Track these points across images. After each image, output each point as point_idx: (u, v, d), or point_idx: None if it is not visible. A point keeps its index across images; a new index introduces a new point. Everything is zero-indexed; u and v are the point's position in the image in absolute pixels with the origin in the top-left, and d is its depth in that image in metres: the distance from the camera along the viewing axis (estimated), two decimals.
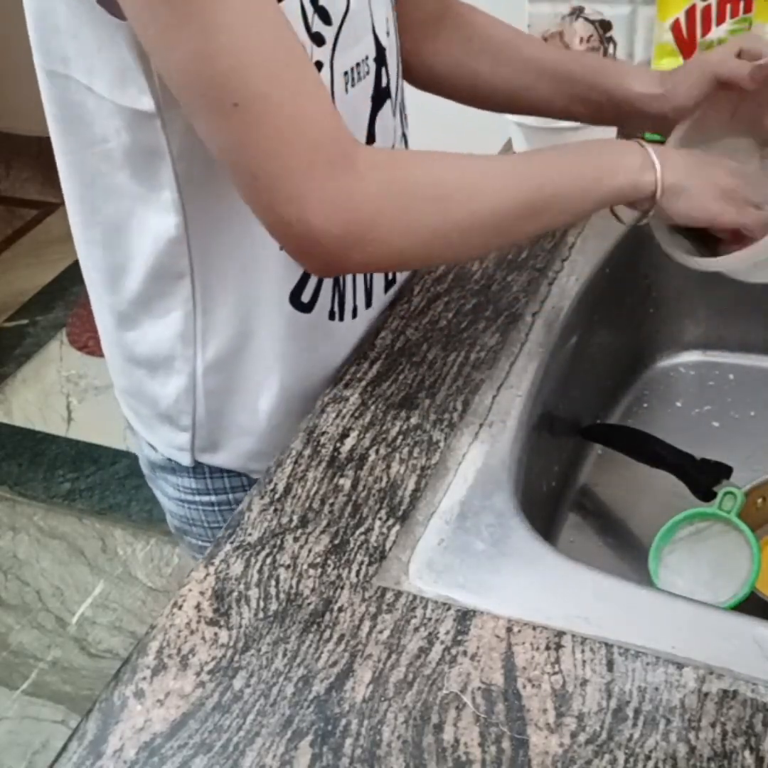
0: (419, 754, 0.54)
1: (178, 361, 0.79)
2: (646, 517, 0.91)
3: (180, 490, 0.88)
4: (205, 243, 0.73)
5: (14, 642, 1.85)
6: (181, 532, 0.94)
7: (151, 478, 0.93)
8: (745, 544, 0.76)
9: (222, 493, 0.87)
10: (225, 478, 0.86)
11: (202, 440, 0.83)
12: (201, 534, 0.91)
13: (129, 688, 0.59)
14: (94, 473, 2.16)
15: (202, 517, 0.89)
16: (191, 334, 0.77)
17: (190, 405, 0.81)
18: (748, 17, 1.05)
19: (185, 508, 0.89)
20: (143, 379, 0.82)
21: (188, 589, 0.65)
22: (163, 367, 0.80)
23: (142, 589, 1.91)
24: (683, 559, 0.79)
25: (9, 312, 2.74)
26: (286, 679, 0.58)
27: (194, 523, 0.90)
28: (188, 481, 0.87)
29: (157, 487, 0.93)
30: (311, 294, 0.78)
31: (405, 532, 0.67)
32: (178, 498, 0.89)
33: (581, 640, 0.59)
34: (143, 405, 0.85)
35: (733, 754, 0.52)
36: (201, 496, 0.87)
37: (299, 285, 0.77)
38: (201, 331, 0.77)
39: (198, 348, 0.78)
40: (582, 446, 0.97)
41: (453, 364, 0.82)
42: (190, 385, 0.80)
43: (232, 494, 0.87)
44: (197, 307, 0.76)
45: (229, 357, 0.78)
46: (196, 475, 0.86)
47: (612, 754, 0.53)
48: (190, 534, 0.92)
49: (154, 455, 0.88)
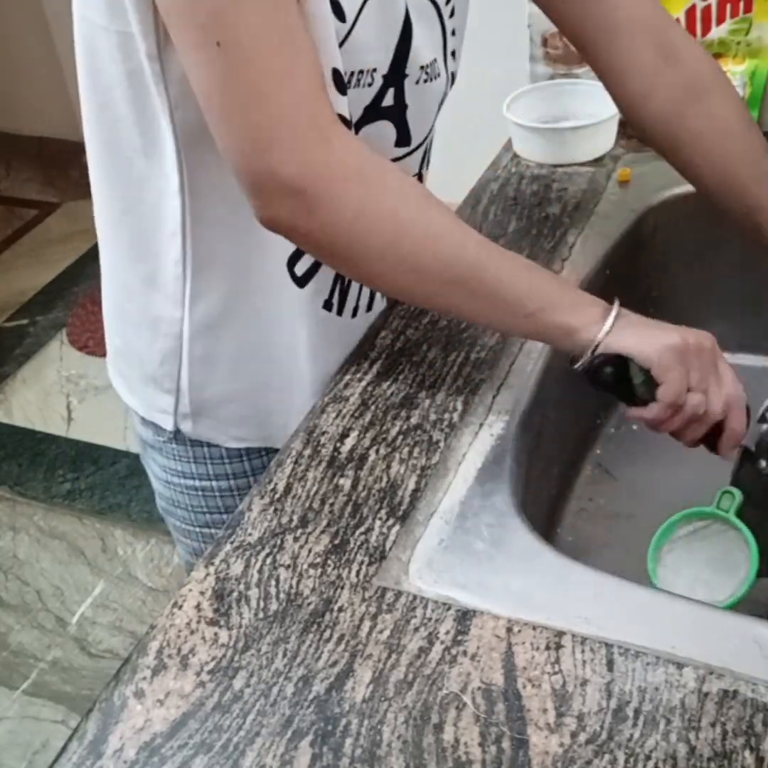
0: (419, 754, 0.54)
1: (164, 323, 0.80)
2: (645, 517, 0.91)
3: (166, 472, 0.90)
4: (201, 201, 0.74)
5: (14, 642, 1.85)
6: (167, 513, 0.95)
7: (144, 458, 0.95)
8: (744, 543, 0.76)
9: (205, 479, 0.88)
10: (208, 464, 0.87)
11: (184, 405, 0.84)
12: (185, 517, 0.92)
13: (129, 688, 0.59)
14: (94, 473, 2.16)
15: (186, 500, 0.90)
16: (179, 296, 0.78)
17: (175, 368, 0.82)
18: (748, 17, 1.05)
19: (171, 489, 0.91)
20: (131, 338, 0.84)
21: (188, 589, 0.65)
22: (150, 327, 0.81)
23: (142, 589, 1.91)
24: (682, 558, 0.79)
25: (9, 312, 2.74)
26: (286, 679, 0.58)
27: (178, 505, 0.91)
28: (174, 463, 0.88)
29: (148, 467, 0.94)
30: (307, 268, 0.79)
31: (405, 532, 0.67)
32: (165, 479, 0.91)
33: (581, 640, 0.59)
34: (130, 367, 0.86)
35: (733, 754, 0.52)
36: (186, 479, 0.88)
37: (296, 253, 0.77)
38: (189, 293, 0.78)
39: (186, 311, 0.79)
40: (582, 446, 0.97)
41: (453, 364, 0.82)
42: (176, 347, 0.81)
43: (215, 481, 0.88)
44: (187, 270, 0.77)
45: (217, 321, 0.79)
46: (180, 455, 0.87)
47: (612, 754, 0.53)
48: (174, 516, 0.94)
49: (144, 432, 0.89)
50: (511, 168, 1.10)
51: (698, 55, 0.82)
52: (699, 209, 1.02)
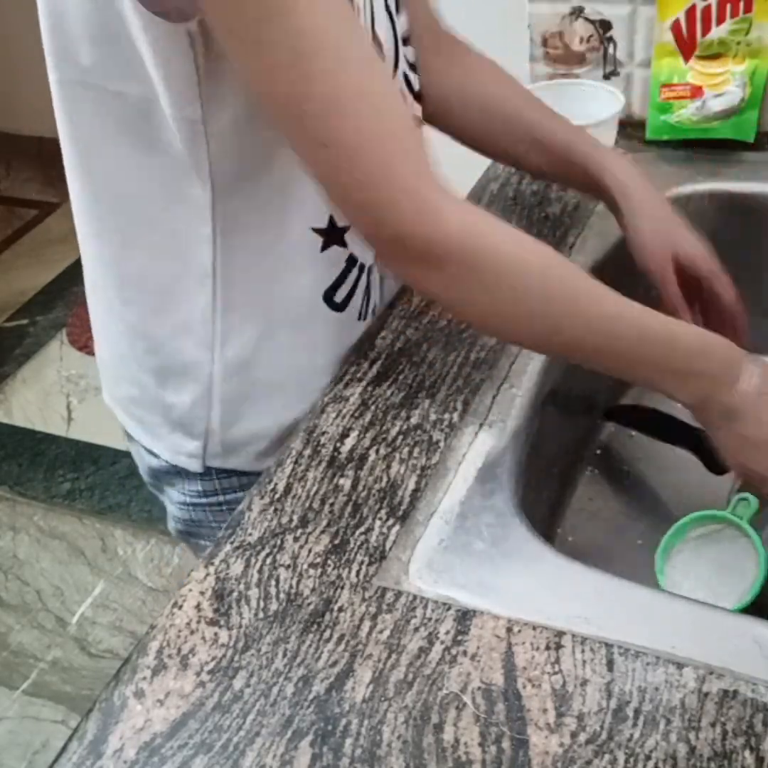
0: (419, 754, 0.54)
1: (193, 366, 0.78)
2: (646, 517, 0.91)
3: (185, 494, 0.87)
4: (233, 246, 0.73)
5: (14, 642, 1.85)
6: (188, 534, 0.92)
7: (154, 485, 0.91)
8: (753, 552, 0.75)
9: (230, 493, 0.86)
10: (234, 477, 0.85)
11: (214, 446, 0.82)
12: (210, 535, 0.89)
13: (129, 688, 0.59)
14: (94, 473, 2.16)
15: (209, 517, 0.88)
16: (209, 339, 0.76)
17: (205, 411, 0.80)
18: (748, 17, 1.05)
19: (191, 511, 0.88)
20: (152, 387, 0.81)
21: (188, 589, 0.65)
22: (178, 374, 0.79)
23: (142, 589, 1.91)
24: (691, 560, 0.78)
25: (9, 312, 2.74)
26: (286, 679, 0.58)
27: (202, 524, 0.89)
28: (195, 483, 0.85)
29: (161, 492, 0.91)
30: (345, 294, 0.80)
31: (405, 532, 0.67)
32: (183, 502, 0.88)
33: (581, 640, 0.59)
34: (152, 413, 0.83)
35: (733, 754, 0.52)
36: (209, 497, 0.86)
37: (335, 284, 0.78)
38: (220, 334, 0.76)
39: (216, 352, 0.77)
40: (582, 446, 0.97)
41: (453, 364, 0.82)
42: (206, 390, 0.78)
43: (241, 492, 0.85)
44: (216, 311, 0.75)
45: (248, 359, 0.78)
46: (203, 477, 0.85)
47: (612, 754, 0.53)
48: (198, 536, 0.91)
49: (156, 462, 0.86)
50: (511, 168, 1.10)
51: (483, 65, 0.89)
52: (699, 209, 1.02)
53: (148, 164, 0.69)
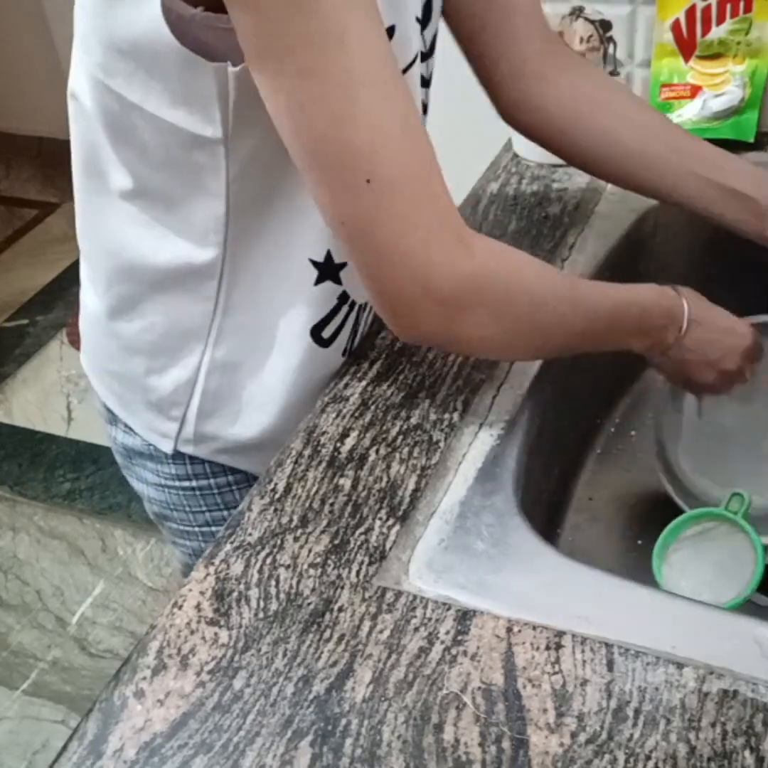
0: (419, 754, 0.54)
1: (184, 354, 0.79)
2: (646, 517, 0.91)
3: (159, 476, 0.88)
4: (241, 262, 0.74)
5: (14, 642, 1.85)
6: (161, 517, 0.93)
7: (127, 466, 0.92)
8: (750, 547, 0.76)
9: (203, 479, 0.87)
10: (206, 463, 0.86)
11: (187, 434, 0.83)
12: (182, 519, 0.91)
13: (129, 688, 0.59)
14: (94, 473, 2.16)
15: (183, 501, 0.89)
16: (205, 332, 0.78)
17: (185, 398, 0.81)
18: (748, 17, 1.05)
19: (165, 492, 0.89)
20: (138, 367, 0.82)
21: (188, 589, 0.65)
22: (166, 357, 0.80)
23: (142, 589, 1.91)
24: (688, 558, 0.79)
25: (9, 312, 2.74)
26: (286, 679, 0.58)
27: (175, 507, 0.90)
28: (167, 467, 0.87)
29: (134, 474, 0.92)
30: (333, 331, 0.80)
31: (405, 532, 0.67)
32: (158, 483, 0.89)
33: (581, 640, 0.59)
34: (132, 391, 0.84)
35: (733, 754, 0.52)
36: (181, 481, 0.87)
37: (324, 320, 0.79)
38: (216, 332, 0.78)
39: (208, 347, 0.78)
40: (582, 446, 0.97)
41: (453, 364, 0.82)
42: (191, 379, 0.80)
43: (213, 479, 0.87)
44: (216, 311, 0.77)
45: (236, 363, 0.79)
46: (175, 461, 0.86)
47: (612, 754, 0.53)
48: (171, 519, 0.92)
49: (132, 441, 0.88)
50: (511, 168, 1.10)
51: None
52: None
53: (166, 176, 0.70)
